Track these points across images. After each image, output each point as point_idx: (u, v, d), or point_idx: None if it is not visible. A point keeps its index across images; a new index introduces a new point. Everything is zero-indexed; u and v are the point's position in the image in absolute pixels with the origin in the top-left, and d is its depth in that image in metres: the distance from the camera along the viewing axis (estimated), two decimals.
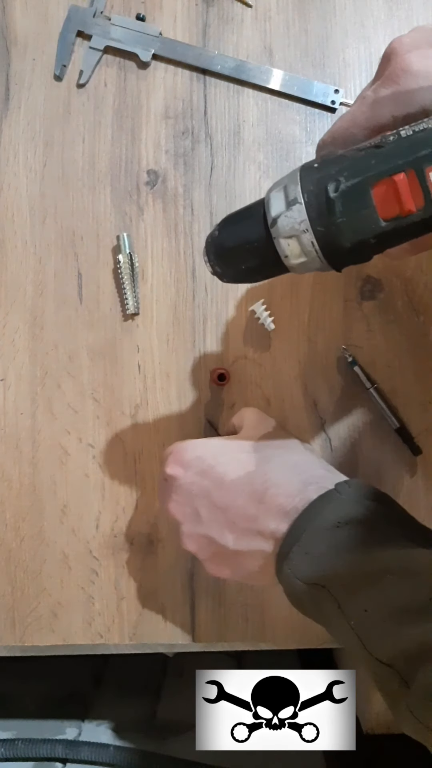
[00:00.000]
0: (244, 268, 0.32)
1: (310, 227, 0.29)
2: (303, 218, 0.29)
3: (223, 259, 0.33)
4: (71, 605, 0.45)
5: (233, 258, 0.32)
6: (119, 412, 0.46)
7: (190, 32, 0.49)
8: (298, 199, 0.30)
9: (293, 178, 0.31)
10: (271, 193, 0.31)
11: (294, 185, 0.30)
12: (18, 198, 0.47)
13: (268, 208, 0.31)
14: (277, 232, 0.30)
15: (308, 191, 0.29)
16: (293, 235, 0.30)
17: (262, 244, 0.31)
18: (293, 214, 0.30)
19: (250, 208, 0.33)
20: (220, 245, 0.32)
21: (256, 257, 0.32)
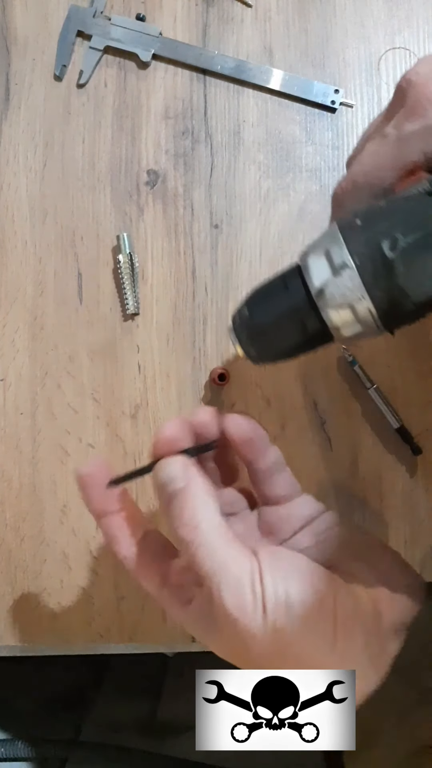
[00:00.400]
0: (284, 346, 0.29)
1: (366, 293, 0.26)
2: (356, 284, 0.26)
3: (259, 340, 0.29)
4: (71, 605, 0.45)
5: (271, 337, 0.29)
6: (119, 412, 0.46)
7: (190, 32, 0.49)
8: (347, 263, 0.26)
9: (333, 239, 0.27)
10: (309, 259, 0.28)
11: (337, 247, 0.27)
12: (18, 198, 0.48)
13: (308, 276, 0.27)
14: (326, 302, 0.27)
15: (358, 253, 0.26)
16: (345, 304, 0.27)
17: (304, 318, 0.28)
18: (343, 280, 0.26)
19: (281, 279, 0.29)
20: (255, 325, 0.29)
21: (299, 333, 0.28)
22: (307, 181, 0.48)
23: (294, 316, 0.28)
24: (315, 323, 0.28)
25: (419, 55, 0.49)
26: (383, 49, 0.49)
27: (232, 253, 0.47)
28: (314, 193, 0.48)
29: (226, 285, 0.47)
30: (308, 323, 0.28)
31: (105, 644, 0.46)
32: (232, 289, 0.47)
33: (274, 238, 0.48)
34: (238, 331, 0.30)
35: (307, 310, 0.28)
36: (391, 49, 0.49)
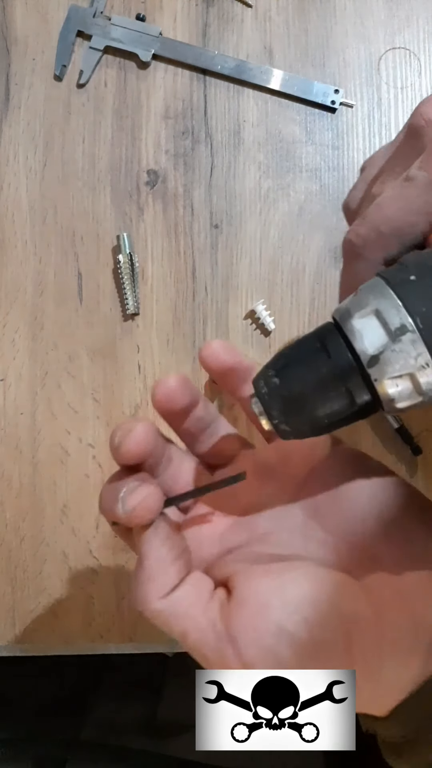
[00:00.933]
0: (323, 421, 0.24)
1: (431, 361, 0.22)
2: (421, 351, 0.22)
3: (294, 413, 0.24)
4: (71, 605, 0.45)
5: (309, 410, 0.24)
6: (119, 412, 0.46)
7: (190, 32, 0.49)
8: (407, 326, 0.22)
9: (383, 296, 0.23)
10: (356, 321, 0.23)
11: (392, 307, 0.22)
12: (18, 198, 0.48)
13: (358, 340, 0.23)
14: (381, 371, 0.23)
15: (420, 314, 0.22)
16: (406, 375, 0.23)
17: (351, 388, 0.24)
18: (405, 347, 0.22)
19: (317, 341, 0.25)
20: (290, 396, 0.24)
21: (342, 405, 0.24)
22: (307, 181, 0.48)
23: (338, 385, 0.24)
24: (363, 394, 0.24)
25: (419, 55, 0.49)
26: (383, 49, 0.49)
27: (232, 253, 0.47)
28: (314, 193, 0.48)
29: (226, 285, 0.47)
30: (355, 394, 0.24)
31: (105, 644, 0.46)
32: (232, 289, 0.47)
33: (274, 238, 0.48)
34: (266, 402, 0.25)
35: (355, 379, 0.23)
36: (391, 49, 0.49)
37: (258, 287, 0.47)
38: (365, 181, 0.31)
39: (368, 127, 0.49)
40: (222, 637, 0.25)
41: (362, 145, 0.49)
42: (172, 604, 0.26)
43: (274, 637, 0.24)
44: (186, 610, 0.25)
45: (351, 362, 0.23)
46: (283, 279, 0.47)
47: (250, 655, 0.24)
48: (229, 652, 0.25)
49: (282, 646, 0.24)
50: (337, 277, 0.47)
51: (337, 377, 0.24)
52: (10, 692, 0.61)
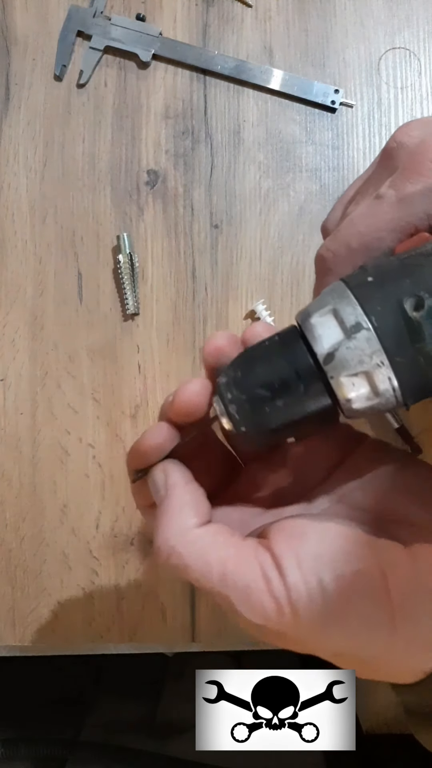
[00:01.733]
0: (282, 420, 0.24)
1: (386, 359, 0.22)
2: (375, 348, 0.22)
3: (251, 411, 0.24)
4: (71, 605, 0.45)
5: (265, 408, 0.24)
6: (119, 412, 0.46)
7: (190, 32, 0.49)
8: (362, 324, 0.22)
9: (341, 296, 0.23)
10: (313, 319, 0.23)
11: (348, 306, 0.23)
12: (18, 198, 0.48)
13: (314, 337, 0.23)
14: (336, 368, 0.23)
15: (375, 313, 0.22)
16: (361, 372, 0.23)
17: (309, 386, 0.24)
18: (359, 343, 0.22)
19: (277, 340, 0.25)
20: (245, 388, 0.24)
21: (300, 402, 0.24)
22: (307, 181, 0.48)
23: (296, 383, 0.24)
24: (320, 393, 0.24)
25: (419, 55, 0.49)
26: (383, 49, 0.49)
27: (232, 253, 0.47)
28: (314, 193, 0.48)
29: (226, 285, 0.47)
30: (312, 393, 0.24)
31: (105, 644, 0.46)
32: (232, 289, 0.47)
33: (274, 238, 0.48)
34: (224, 395, 0.25)
35: (312, 378, 0.24)
36: (392, 49, 0.49)
37: (258, 287, 0.47)
38: (342, 203, 0.32)
39: (368, 127, 0.49)
40: (266, 560, 0.24)
41: (362, 145, 0.49)
42: (209, 532, 0.25)
43: (315, 560, 0.23)
44: (225, 537, 0.25)
45: (308, 361, 0.24)
46: (283, 279, 0.47)
47: (294, 578, 0.23)
48: (275, 578, 0.23)
49: (324, 572, 0.23)
50: None
51: (294, 375, 0.24)
52: (10, 692, 0.61)
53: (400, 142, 0.28)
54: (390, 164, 0.28)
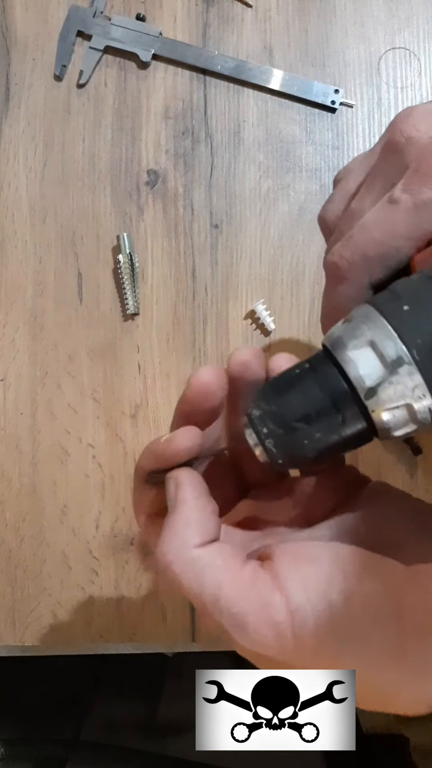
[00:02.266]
0: (318, 447, 0.24)
1: (428, 392, 0.22)
2: (418, 382, 0.22)
3: (288, 440, 0.24)
4: (71, 605, 0.45)
5: (303, 437, 0.24)
6: (119, 412, 0.46)
7: (190, 32, 0.49)
8: (404, 359, 0.22)
9: (378, 326, 0.23)
10: (351, 352, 0.23)
11: (388, 339, 0.22)
12: (18, 198, 0.48)
13: (355, 372, 0.23)
14: (379, 403, 0.23)
15: (416, 346, 0.22)
16: (403, 405, 0.23)
17: (347, 416, 0.24)
18: (402, 378, 0.22)
19: (311, 368, 0.24)
20: (282, 422, 0.24)
21: (337, 432, 0.24)
22: (307, 181, 0.48)
23: (333, 414, 0.23)
24: (358, 422, 0.24)
25: (419, 55, 0.49)
26: (383, 49, 0.49)
27: (232, 253, 0.47)
28: (314, 193, 0.48)
29: (226, 285, 0.47)
30: (349, 422, 0.24)
31: (105, 644, 0.46)
32: (232, 289, 0.47)
33: (274, 238, 0.48)
34: (260, 431, 0.24)
35: (351, 409, 0.23)
36: (391, 49, 0.49)
37: (258, 287, 0.47)
38: (343, 194, 0.31)
39: (368, 127, 0.49)
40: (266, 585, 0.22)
41: (362, 145, 0.49)
42: (209, 553, 0.24)
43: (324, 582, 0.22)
44: (225, 560, 0.24)
45: (347, 391, 0.23)
46: (283, 279, 0.47)
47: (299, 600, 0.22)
48: (277, 602, 0.22)
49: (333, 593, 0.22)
50: None
51: (332, 406, 0.23)
52: (10, 692, 0.61)
53: (409, 137, 0.27)
54: (397, 160, 0.27)
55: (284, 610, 0.22)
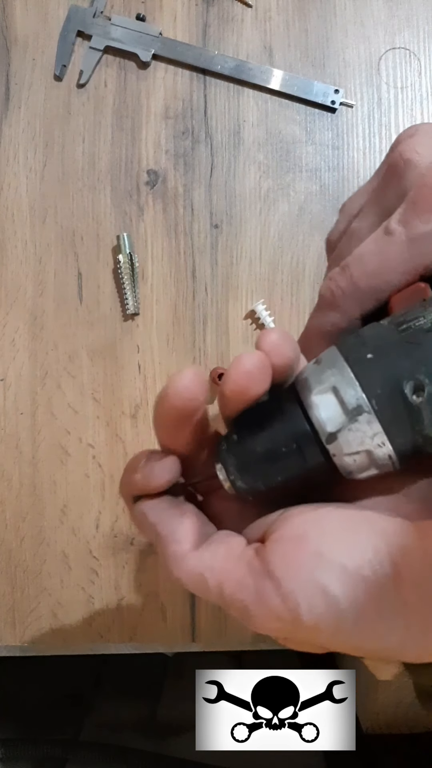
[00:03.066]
0: (277, 479, 0.25)
1: (387, 440, 0.23)
2: (377, 431, 0.23)
3: (251, 471, 0.25)
4: (71, 605, 0.45)
5: (265, 469, 0.25)
6: (119, 412, 0.46)
7: (190, 32, 0.49)
8: (363, 407, 0.23)
9: (341, 375, 0.23)
10: (314, 396, 0.24)
11: (349, 387, 0.23)
12: (18, 198, 0.48)
13: (316, 418, 0.24)
14: (340, 449, 0.23)
15: (376, 396, 0.22)
16: (363, 451, 0.23)
17: (307, 454, 0.24)
18: (361, 426, 0.23)
19: (276, 407, 0.25)
20: (247, 453, 0.25)
21: (298, 466, 0.24)
22: (307, 181, 0.48)
23: (294, 451, 0.24)
24: (319, 459, 0.24)
25: (419, 55, 0.49)
26: (383, 49, 0.49)
27: (232, 253, 0.47)
28: (314, 193, 0.48)
29: (226, 285, 0.47)
30: (311, 459, 0.24)
31: (105, 644, 0.46)
32: (232, 289, 0.47)
33: (274, 238, 0.48)
34: (226, 459, 0.25)
35: (312, 448, 0.24)
36: (391, 49, 0.49)
37: (258, 287, 0.47)
38: (346, 215, 0.31)
39: (368, 127, 0.49)
40: (259, 575, 0.23)
41: (362, 145, 0.49)
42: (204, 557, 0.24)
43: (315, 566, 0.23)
44: (221, 560, 0.24)
45: (309, 434, 0.24)
46: (283, 279, 0.47)
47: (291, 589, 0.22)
48: (269, 590, 0.23)
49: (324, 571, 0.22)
50: None
51: (295, 446, 0.24)
52: (10, 692, 0.61)
53: (408, 160, 0.27)
54: (396, 183, 0.27)
55: (277, 597, 0.23)
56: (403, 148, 0.27)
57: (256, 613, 0.23)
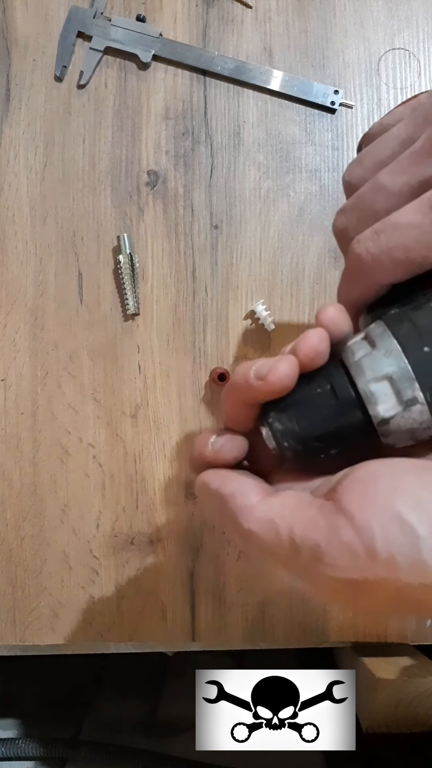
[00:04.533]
0: (332, 453, 0.27)
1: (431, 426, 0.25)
2: (426, 419, 0.25)
3: (305, 457, 0.27)
4: (72, 604, 0.45)
5: (318, 456, 0.27)
6: (119, 412, 0.46)
7: (190, 33, 0.49)
8: (417, 399, 0.24)
9: (398, 364, 0.24)
10: (372, 385, 0.25)
11: (406, 380, 0.24)
12: (18, 198, 0.48)
13: (373, 405, 0.25)
14: (388, 431, 0.25)
15: (430, 389, 0.24)
16: (408, 436, 0.25)
17: (357, 432, 0.26)
18: (413, 415, 0.24)
19: (329, 390, 0.26)
20: (301, 440, 0.26)
21: (350, 449, 0.27)
22: (307, 182, 0.48)
23: (348, 435, 0.26)
24: (368, 440, 0.26)
25: (419, 56, 0.49)
26: (383, 50, 0.50)
27: (232, 253, 0.48)
28: (314, 194, 0.48)
29: (226, 285, 0.47)
30: (360, 441, 0.26)
31: (105, 643, 0.46)
32: (232, 289, 0.47)
33: (274, 238, 0.48)
34: (281, 443, 0.27)
35: (364, 431, 0.26)
36: (391, 50, 0.50)
37: (258, 287, 0.47)
38: (373, 161, 0.29)
39: (368, 128, 0.49)
40: (331, 513, 0.23)
41: None
42: (273, 503, 0.25)
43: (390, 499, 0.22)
44: (290, 505, 0.24)
45: (362, 420, 0.25)
46: (283, 279, 0.47)
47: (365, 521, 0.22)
48: (342, 525, 0.22)
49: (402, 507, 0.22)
50: (337, 278, 0.47)
51: (348, 429, 0.26)
52: (10, 692, 0.61)
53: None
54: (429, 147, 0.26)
55: (350, 530, 0.22)
56: (424, 103, 0.26)
57: (328, 549, 0.22)
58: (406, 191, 0.27)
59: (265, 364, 0.26)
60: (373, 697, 0.51)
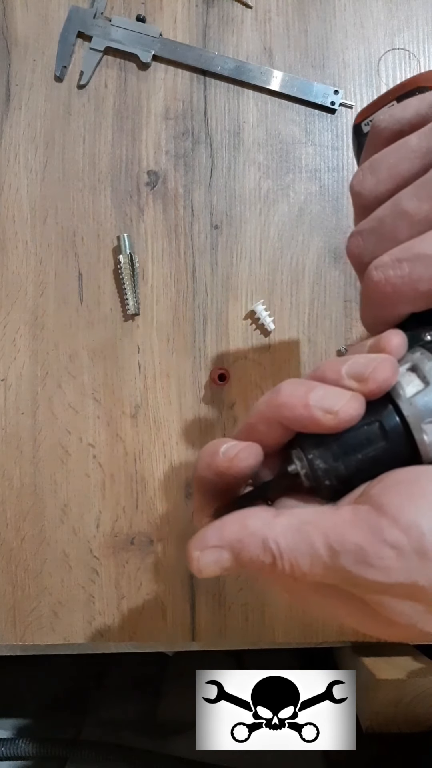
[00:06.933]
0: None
1: None
2: None
3: (343, 490, 0.25)
4: (72, 604, 0.45)
5: (358, 484, 0.25)
6: (119, 412, 0.46)
7: (190, 33, 0.49)
8: None
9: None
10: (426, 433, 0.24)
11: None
12: (19, 198, 0.48)
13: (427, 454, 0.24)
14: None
15: None
16: None
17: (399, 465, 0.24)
18: None
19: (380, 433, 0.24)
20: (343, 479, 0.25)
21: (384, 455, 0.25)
22: (307, 182, 0.48)
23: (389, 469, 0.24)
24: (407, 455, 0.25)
25: (419, 56, 0.49)
26: (383, 50, 0.50)
27: (232, 253, 0.48)
28: (314, 194, 0.48)
29: (226, 285, 0.47)
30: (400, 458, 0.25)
31: (105, 643, 0.46)
32: (232, 289, 0.47)
33: (274, 238, 0.48)
34: (320, 480, 0.25)
35: (406, 464, 0.24)
36: (391, 50, 0.50)
37: (258, 287, 0.47)
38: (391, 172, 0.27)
39: None
40: (370, 514, 0.21)
41: None
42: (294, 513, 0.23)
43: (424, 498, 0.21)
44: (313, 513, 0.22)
45: (410, 459, 0.24)
46: (283, 279, 0.47)
47: (411, 520, 0.21)
48: (386, 526, 0.21)
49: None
50: (337, 278, 0.47)
51: (394, 466, 0.24)
52: (10, 691, 0.61)
53: None
54: None
55: (396, 529, 0.21)
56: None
57: (374, 550, 0.21)
58: (431, 219, 0.25)
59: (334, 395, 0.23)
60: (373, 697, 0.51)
